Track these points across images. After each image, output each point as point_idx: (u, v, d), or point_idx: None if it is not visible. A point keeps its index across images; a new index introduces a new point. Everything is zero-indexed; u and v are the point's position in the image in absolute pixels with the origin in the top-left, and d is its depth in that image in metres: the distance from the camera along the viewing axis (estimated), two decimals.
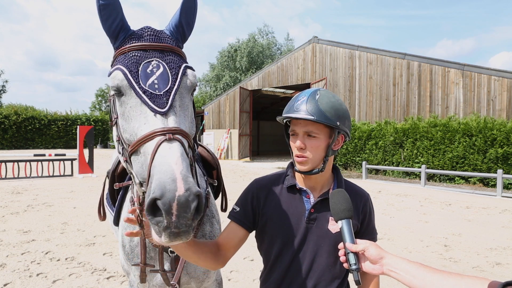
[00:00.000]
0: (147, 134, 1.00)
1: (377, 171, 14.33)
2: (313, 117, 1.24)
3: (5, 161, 11.65)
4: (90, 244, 4.97)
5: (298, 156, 1.30)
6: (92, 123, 33.03)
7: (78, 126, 12.72)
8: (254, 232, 1.45)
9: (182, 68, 1.13)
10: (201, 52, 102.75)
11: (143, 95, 1.04)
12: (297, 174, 1.40)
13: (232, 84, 37.64)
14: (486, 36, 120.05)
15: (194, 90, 1.20)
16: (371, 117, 15.39)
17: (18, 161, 11.88)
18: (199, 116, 28.28)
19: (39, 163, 12.30)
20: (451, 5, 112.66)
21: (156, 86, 1.06)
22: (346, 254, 1.10)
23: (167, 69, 1.09)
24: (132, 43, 1.13)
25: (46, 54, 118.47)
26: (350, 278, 1.41)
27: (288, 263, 1.32)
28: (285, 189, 1.38)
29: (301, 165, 1.30)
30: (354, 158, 15.25)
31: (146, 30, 1.17)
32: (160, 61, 1.10)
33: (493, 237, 5.53)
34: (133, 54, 1.10)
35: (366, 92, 15.60)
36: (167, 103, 1.05)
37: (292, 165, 1.46)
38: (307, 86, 18.17)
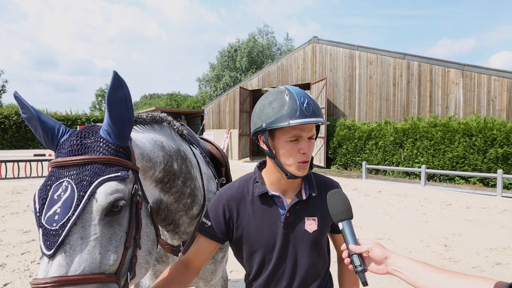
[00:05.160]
0: (32, 283, 0.84)
1: (377, 171, 14.32)
2: (323, 120, 1.22)
3: (5, 161, 11.66)
4: None
5: (304, 162, 1.23)
6: (92, 123, 33.02)
7: (78, 126, 12.70)
8: (225, 242, 1.40)
9: (92, 186, 0.89)
10: (199, 52, 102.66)
11: (40, 230, 0.87)
12: (266, 177, 1.34)
13: (232, 84, 37.63)
14: (486, 35, 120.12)
15: (119, 209, 0.93)
16: (371, 117, 15.39)
17: (18, 161, 11.89)
18: (199, 116, 28.27)
19: (39, 163, 12.29)
20: (450, 5, 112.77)
21: (56, 217, 0.86)
22: (350, 256, 1.07)
23: (75, 191, 0.88)
24: (54, 158, 0.97)
25: (44, 53, 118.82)
26: (332, 270, 1.41)
27: (271, 269, 1.30)
28: (256, 197, 1.31)
29: (304, 170, 1.24)
30: (354, 158, 15.24)
31: (72, 137, 0.97)
32: (71, 181, 0.89)
33: (493, 237, 5.53)
34: (51, 172, 0.94)
35: (366, 92, 15.60)
36: (56, 242, 0.84)
37: (259, 168, 1.39)
38: (307, 86, 18.16)
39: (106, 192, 0.90)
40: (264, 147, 1.27)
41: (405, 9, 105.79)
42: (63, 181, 0.90)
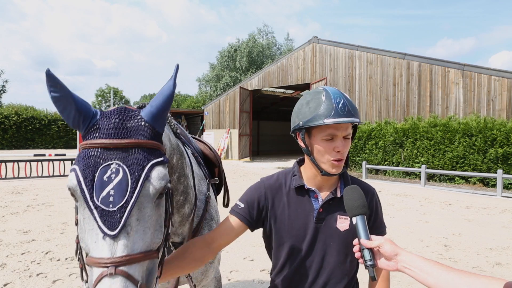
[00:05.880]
0: (93, 259, 0.89)
1: (377, 171, 14.33)
2: (358, 120, 1.25)
3: (5, 161, 11.66)
4: None
5: (338, 160, 1.26)
6: None
7: None
8: (254, 230, 1.43)
9: (145, 170, 0.94)
10: (199, 52, 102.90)
11: (94, 211, 0.90)
12: (304, 173, 1.39)
13: (232, 84, 37.64)
14: (486, 35, 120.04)
15: (164, 192, 1.00)
16: (371, 117, 15.39)
17: (18, 161, 11.89)
18: (199, 116, 28.28)
19: (39, 163, 12.30)
20: (450, 5, 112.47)
21: (111, 199, 0.90)
22: (361, 250, 1.10)
23: (128, 174, 0.92)
24: (92, 139, 0.96)
25: (44, 53, 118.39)
26: (359, 274, 1.41)
27: (298, 262, 1.33)
28: (293, 190, 1.37)
29: (339, 168, 1.28)
30: (354, 158, 15.25)
31: (113, 119, 0.98)
32: (121, 164, 0.92)
33: (493, 237, 5.53)
34: (92, 153, 0.94)
35: (366, 92, 15.60)
36: (119, 223, 0.88)
37: (298, 164, 1.44)
38: (307, 86, 18.17)
39: (159, 176, 0.96)
40: (302, 144, 1.33)
41: (405, 9, 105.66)
42: (112, 163, 0.93)
